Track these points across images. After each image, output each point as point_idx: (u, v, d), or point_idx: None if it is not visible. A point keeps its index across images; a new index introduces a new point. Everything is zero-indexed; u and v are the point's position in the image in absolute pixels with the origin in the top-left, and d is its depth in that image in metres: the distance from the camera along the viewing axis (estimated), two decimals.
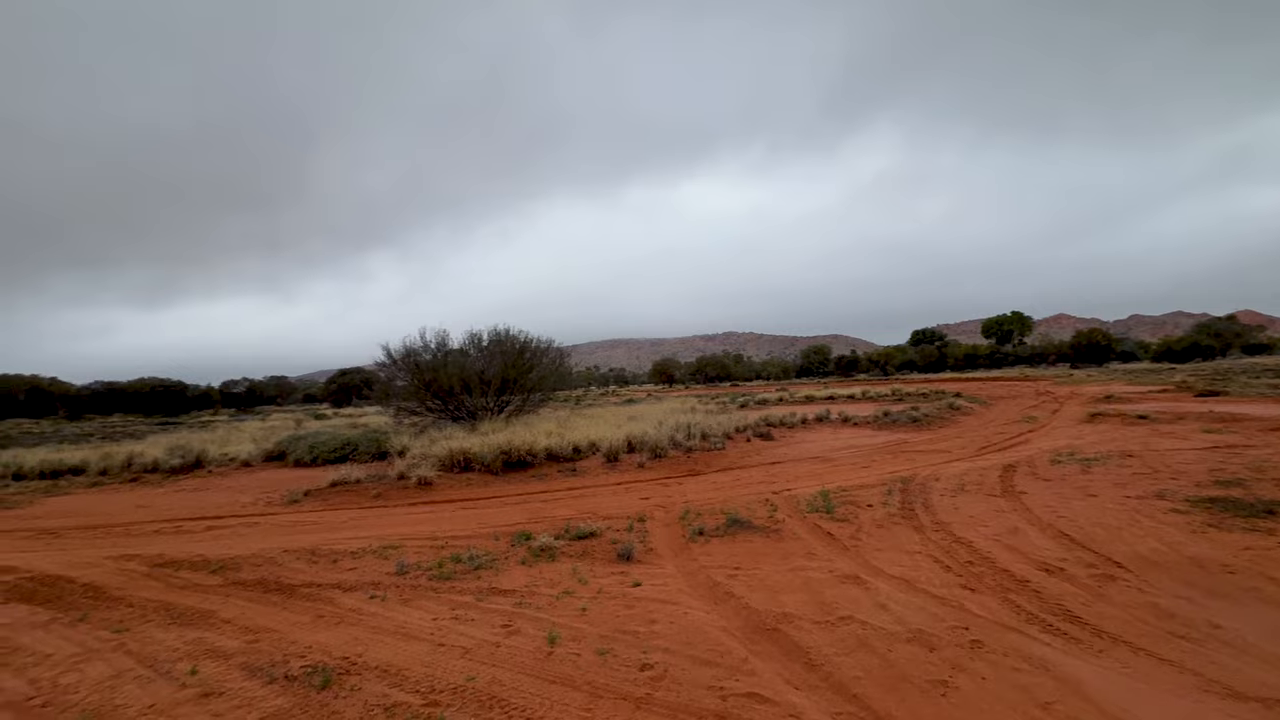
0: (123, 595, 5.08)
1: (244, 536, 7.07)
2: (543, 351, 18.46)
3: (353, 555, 5.97)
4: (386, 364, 17.50)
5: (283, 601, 4.84)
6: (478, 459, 10.33)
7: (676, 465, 10.58)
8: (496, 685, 3.34)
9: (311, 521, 7.75)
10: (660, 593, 4.66)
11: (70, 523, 8.22)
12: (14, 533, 7.77)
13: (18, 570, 5.86)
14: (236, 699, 3.30)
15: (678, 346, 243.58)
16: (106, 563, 6.05)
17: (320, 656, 3.77)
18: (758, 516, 6.68)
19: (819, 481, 8.55)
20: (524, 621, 4.20)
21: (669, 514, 7.10)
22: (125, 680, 3.58)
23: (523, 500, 8.48)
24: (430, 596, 4.78)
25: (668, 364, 72.58)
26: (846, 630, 3.87)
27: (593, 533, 6.25)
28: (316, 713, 3.13)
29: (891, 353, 64.90)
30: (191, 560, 5.99)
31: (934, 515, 6.52)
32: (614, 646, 3.75)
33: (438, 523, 7.31)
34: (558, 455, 10.95)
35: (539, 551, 5.76)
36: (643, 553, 5.68)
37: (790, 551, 5.56)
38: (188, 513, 8.58)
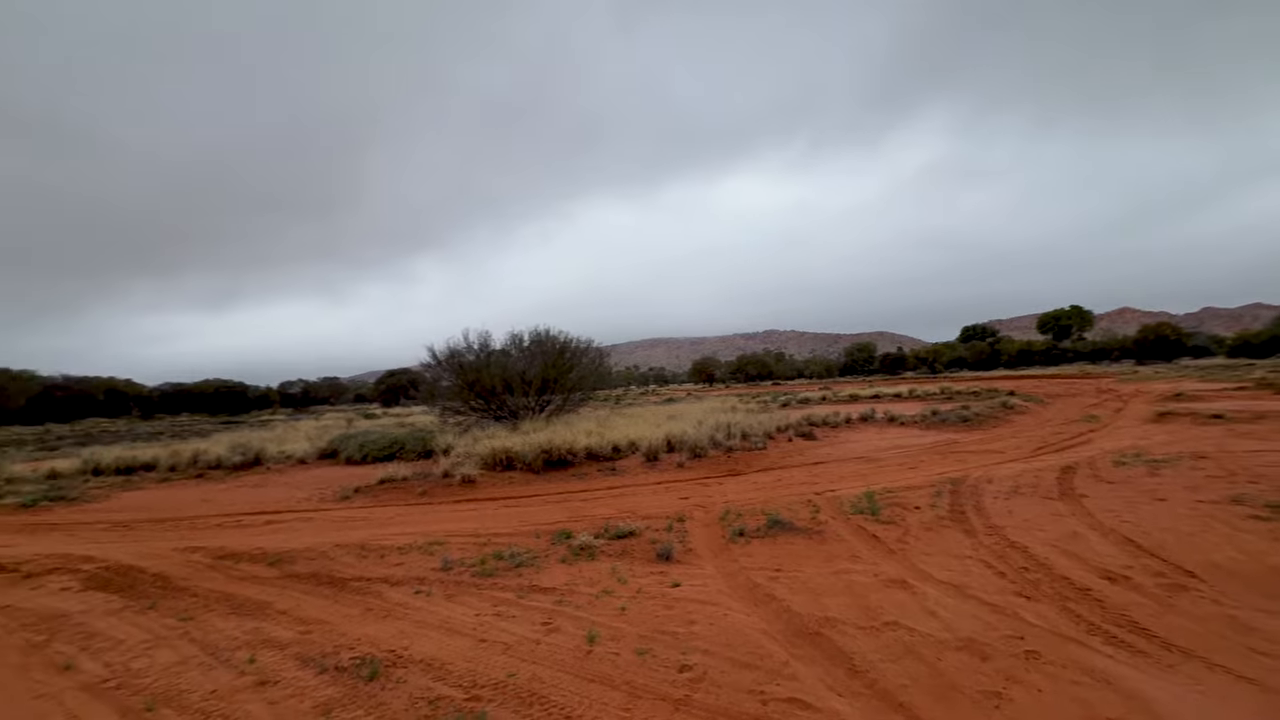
0: (188, 585, 5.37)
1: (299, 531, 7.37)
2: (582, 351, 18.61)
3: (400, 551, 6.14)
4: (432, 365, 17.97)
5: (334, 594, 5.01)
6: (519, 458, 10.49)
7: (716, 465, 10.49)
8: (536, 682, 3.37)
9: (361, 517, 8.02)
10: (700, 593, 4.63)
11: (141, 516, 8.74)
12: (93, 525, 8.31)
13: (95, 560, 6.26)
14: (290, 688, 3.44)
15: (717, 345, 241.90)
16: (173, 554, 6.40)
17: (368, 649, 3.89)
18: (800, 518, 6.55)
19: (864, 482, 8.34)
20: (564, 619, 4.23)
21: (709, 514, 7.05)
22: (189, 666, 3.78)
23: (563, 499, 8.56)
24: (473, 593, 4.88)
25: (707, 363, 72.19)
26: (892, 636, 3.75)
27: (632, 532, 6.25)
28: (364, 704, 3.23)
29: (940, 350, 62.81)
30: (251, 553, 6.28)
31: (986, 519, 6.26)
32: (653, 647, 3.73)
33: (481, 520, 7.45)
34: (597, 454, 11.02)
35: (579, 550, 5.80)
36: (682, 553, 5.65)
37: (833, 554, 5.43)
38: (248, 507, 9.00)
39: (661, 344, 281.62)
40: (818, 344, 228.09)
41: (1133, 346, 54.86)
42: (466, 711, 3.08)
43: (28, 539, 7.58)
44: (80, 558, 6.36)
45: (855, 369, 67.47)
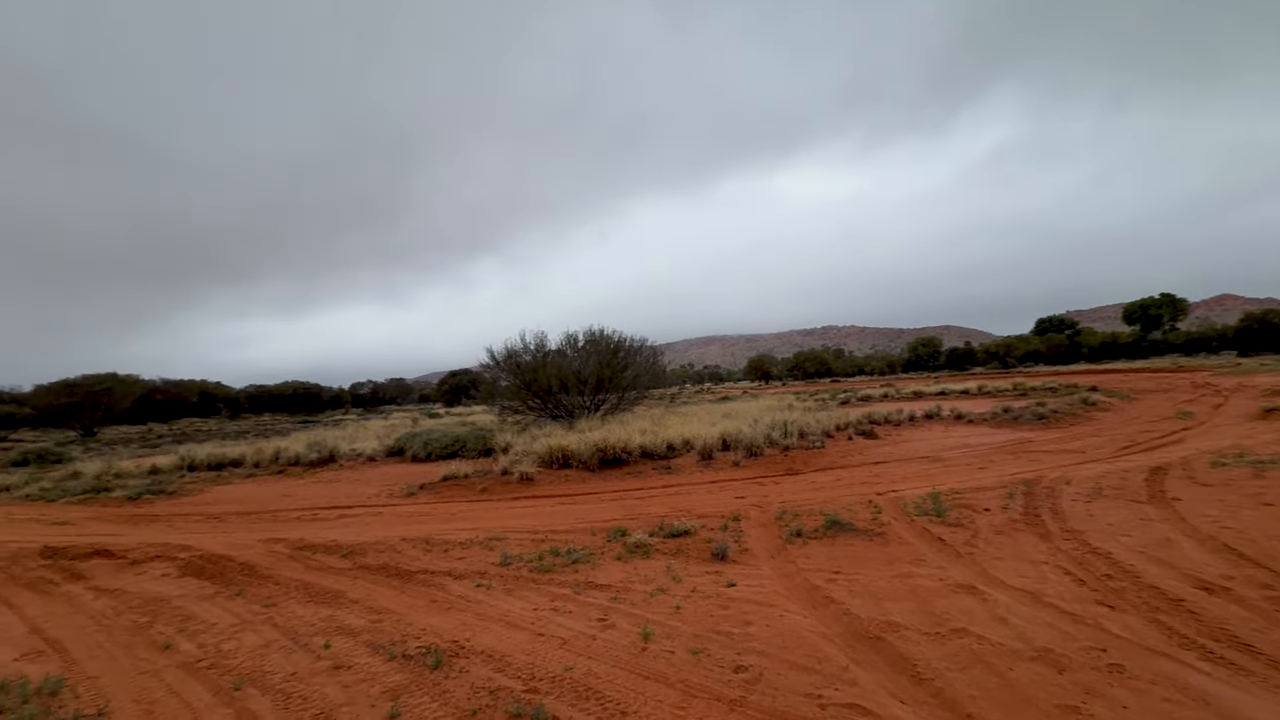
0: (271, 574, 5.74)
1: (369, 525, 7.75)
2: (636, 350, 18.71)
3: (462, 545, 6.36)
4: (491, 365, 18.51)
5: (401, 586, 5.25)
6: (575, 456, 10.65)
7: (773, 464, 10.32)
8: (592, 677, 3.42)
9: (426, 513, 8.35)
10: (755, 594, 4.57)
11: (230, 509, 9.41)
12: (188, 517, 9.01)
13: (191, 549, 6.78)
14: (362, 673, 3.63)
15: (773, 342, 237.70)
16: (258, 545, 6.86)
17: (433, 639, 4.05)
18: (860, 518, 6.36)
19: (928, 483, 8.01)
20: (619, 616, 4.27)
21: (765, 514, 6.94)
22: (272, 650, 4.04)
23: (618, 497, 8.63)
24: (531, 587, 4.99)
25: (763, 360, 71.08)
26: (960, 644, 3.59)
27: (687, 531, 6.24)
28: (430, 691, 3.36)
29: (1013, 343, 59.43)
30: (326, 545, 6.65)
31: (1064, 522, 5.89)
32: (708, 646, 3.72)
33: (538, 517, 7.62)
34: (652, 453, 11.05)
35: (634, 548, 5.84)
36: (737, 553, 5.60)
37: (896, 556, 5.25)
38: (323, 502, 9.53)
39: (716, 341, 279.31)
40: (879, 339, 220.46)
41: (1234, 336, 50.24)
42: (525, 703, 3.16)
43: (133, 529, 8.29)
44: (178, 546, 6.91)
45: (919, 365, 64.78)
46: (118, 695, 3.51)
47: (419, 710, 3.17)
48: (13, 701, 3.42)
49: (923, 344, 66.20)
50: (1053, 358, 57.10)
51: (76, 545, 7.19)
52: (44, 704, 3.40)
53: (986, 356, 60.05)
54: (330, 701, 3.31)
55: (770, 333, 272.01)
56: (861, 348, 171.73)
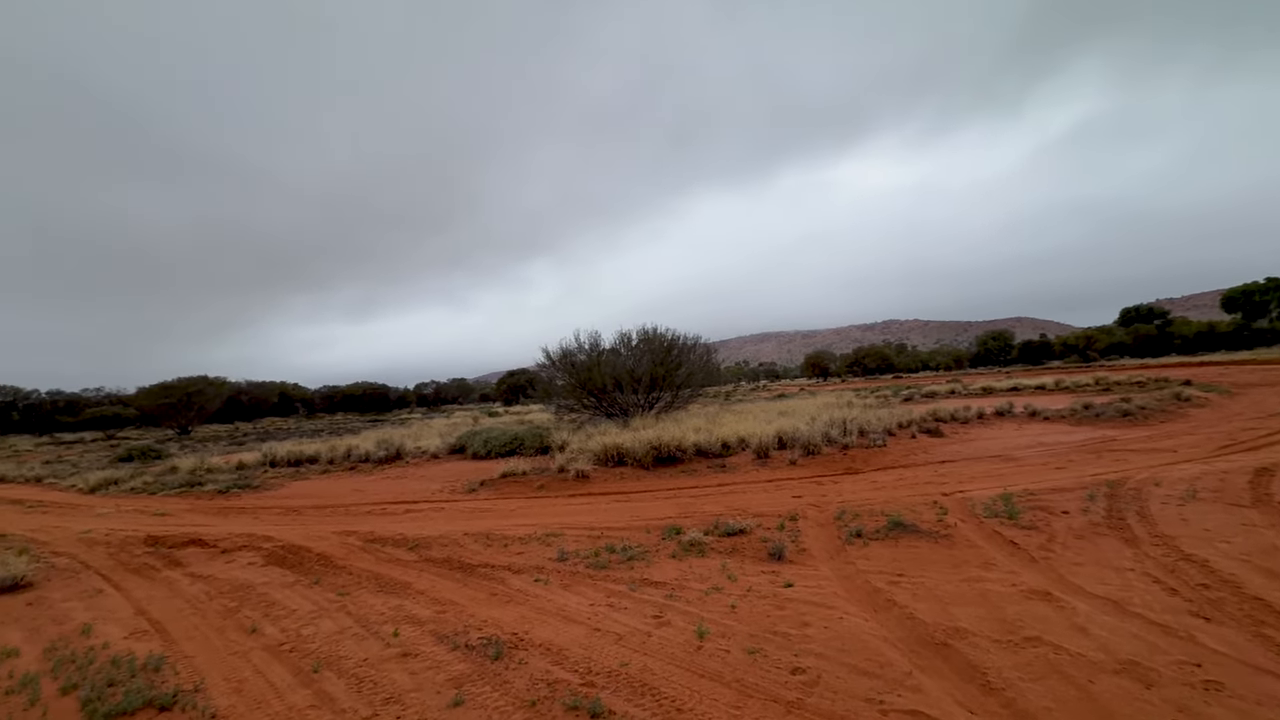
0: (345, 564, 6.07)
1: (433, 519, 8.06)
2: (690, 348, 18.64)
3: (520, 541, 6.53)
4: (547, 365, 18.87)
5: (463, 578, 5.43)
6: (630, 454, 10.72)
7: (831, 463, 10.07)
8: (647, 673, 3.44)
9: (486, 508, 8.61)
10: (813, 595, 4.47)
11: (308, 502, 9.99)
12: (270, 509, 9.63)
13: (273, 539, 7.25)
14: (428, 661, 3.78)
15: (832, 338, 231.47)
16: (333, 536, 7.26)
17: (494, 630, 4.18)
18: (924, 519, 6.12)
19: (999, 483, 7.61)
20: (674, 614, 4.28)
21: (823, 513, 6.79)
22: (346, 636, 4.27)
23: (673, 495, 8.64)
24: (587, 583, 5.07)
25: (821, 356, 69.34)
26: (1034, 653, 3.40)
27: (742, 530, 6.18)
28: (491, 681, 3.47)
29: (1094, 335, 55.55)
30: (394, 538, 6.97)
31: (1153, 527, 5.48)
32: (764, 646, 3.67)
33: (594, 514, 7.72)
34: (707, 451, 10.99)
35: (689, 546, 5.83)
36: (794, 553, 5.50)
37: (963, 560, 5.02)
38: (391, 497, 9.98)
39: (771, 338, 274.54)
40: (944, 333, 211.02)
41: None
42: (582, 696, 3.22)
43: (222, 520, 8.94)
44: (262, 537, 7.40)
45: (989, 359, 61.56)
46: (211, 673, 3.80)
47: (481, 699, 3.28)
48: (123, 675, 3.76)
49: (992, 337, 62.89)
50: (1140, 350, 53.05)
51: (174, 535, 7.82)
52: (149, 679, 3.72)
53: (1064, 349, 56.40)
54: (399, 687, 3.47)
55: (828, 328, 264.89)
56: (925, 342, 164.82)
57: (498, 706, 3.20)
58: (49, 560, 6.88)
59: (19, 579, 5.84)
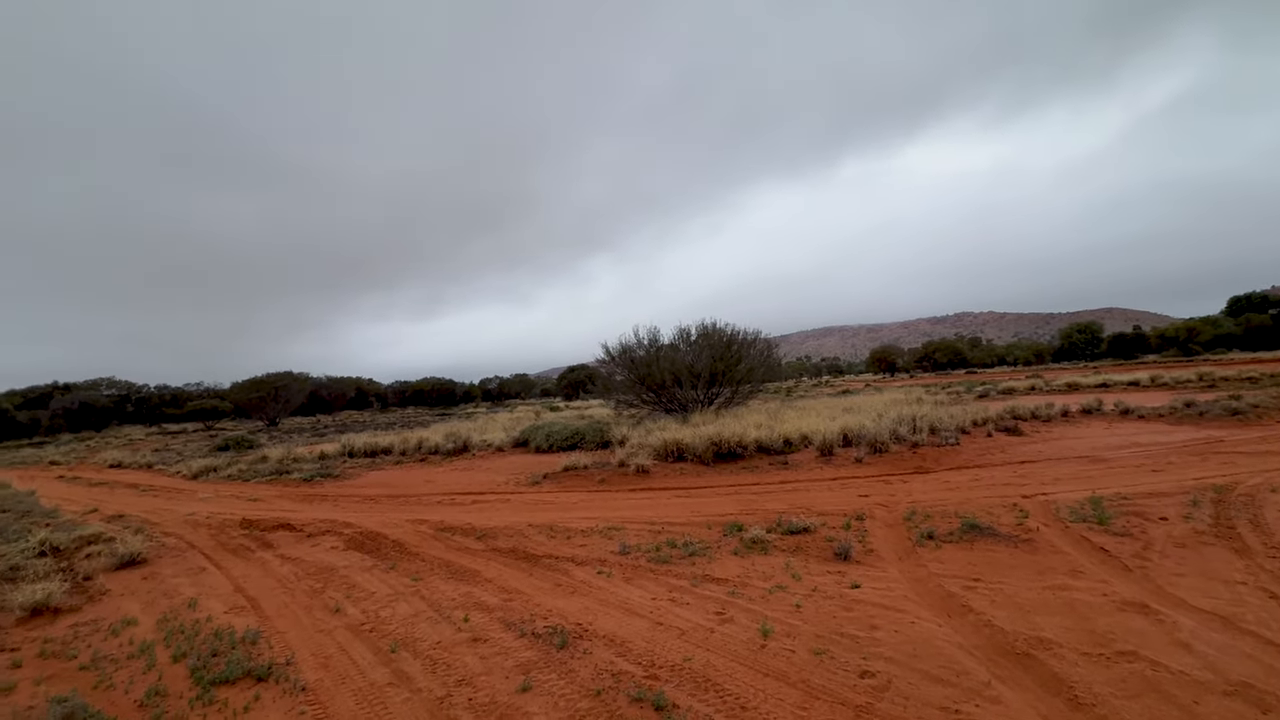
0: (418, 551, 6.36)
1: (499, 510, 8.32)
2: (750, 343, 18.39)
3: (583, 533, 6.64)
4: (606, 360, 19.09)
5: (529, 568, 5.59)
6: (690, 450, 10.70)
7: (900, 461, 9.70)
8: (711, 669, 3.43)
9: (549, 501, 8.81)
10: (882, 597, 4.33)
11: (383, 492, 10.53)
12: (349, 498, 10.21)
13: (353, 526, 7.69)
14: (497, 647, 3.92)
15: (898, 332, 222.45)
16: (406, 524, 7.62)
17: (558, 620, 4.28)
18: (1002, 522, 5.81)
19: (1087, 485, 7.11)
20: (737, 611, 4.25)
21: (891, 514, 6.55)
22: (420, 620, 4.48)
23: (733, 491, 8.56)
24: (649, 577, 5.10)
25: (887, 351, 66.82)
26: (1128, 669, 3.17)
27: (806, 528, 6.05)
28: (557, 669, 3.56)
29: (1196, 326, 50.81)
30: (463, 527, 7.24)
31: (1269, 536, 4.98)
32: (830, 648, 3.59)
33: (655, 509, 7.75)
34: (768, 448, 10.82)
35: (751, 543, 5.76)
36: (861, 553, 5.34)
37: (1047, 566, 4.73)
38: (459, 488, 10.37)
39: (834, 332, 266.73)
40: (1022, 326, 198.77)
41: None
42: (646, 688, 3.25)
43: (307, 506, 9.56)
44: (342, 523, 7.87)
45: (1074, 353, 57.48)
46: (300, 648, 4.08)
47: (548, 685, 3.37)
48: (225, 646, 4.09)
49: (1078, 330, 58.65)
50: (1252, 342, 48.12)
51: (266, 519, 8.42)
52: (246, 651, 4.03)
53: (1161, 342, 51.91)
54: (470, 670, 3.61)
55: (895, 321, 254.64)
56: (1001, 336, 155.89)
57: (564, 694, 3.27)
58: (160, 539, 7.56)
59: (136, 555, 6.45)
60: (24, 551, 6.64)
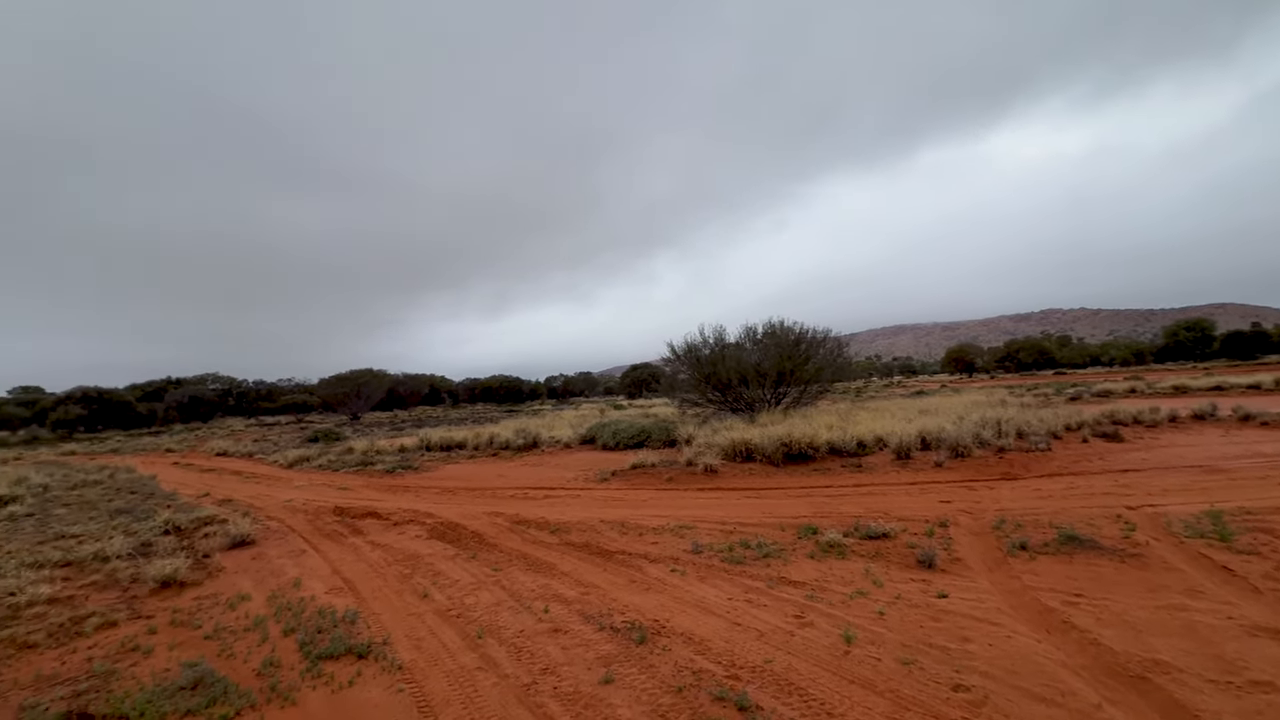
0: (496, 543, 6.60)
1: (570, 505, 8.50)
2: (819, 342, 17.92)
3: (654, 531, 6.69)
4: (671, 359, 19.10)
5: (602, 564, 5.68)
6: (759, 450, 10.55)
7: (984, 467, 9.19)
8: (793, 673, 3.38)
9: (618, 498, 8.92)
10: (973, 608, 4.13)
11: (459, 484, 10.97)
12: (428, 489, 10.70)
13: (434, 516, 8.06)
14: (577, 638, 4.01)
15: (977, 330, 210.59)
16: (483, 516, 7.91)
17: (635, 615, 4.33)
18: (1106, 535, 5.40)
19: (1204, 498, 6.51)
20: (816, 615, 4.16)
21: (978, 521, 6.23)
22: (502, 608, 4.65)
23: (805, 493, 8.38)
24: (723, 577, 5.08)
25: (965, 350, 63.37)
26: (1264, 700, 2.88)
27: (885, 533, 5.85)
28: (637, 663, 3.60)
29: None
30: (537, 521, 7.45)
31: None
32: (919, 658, 3.46)
33: (725, 509, 7.70)
34: (840, 449, 10.52)
35: (827, 547, 5.63)
36: (946, 561, 5.10)
37: (1160, 584, 4.36)
38: (530, 483, 10.67)
39: (907, 330, 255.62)
40: (1118, 323, 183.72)
41: None
42: (728, 688, 3.24)
43: (391, 496, 10.10)
44: (424, 513, 8.26)
45: (1181, 352, 52.50)
46: (394, 630, 4.32)
47: (629, 679, 3.42)
48: (328, 624, 4.40)
49: (1186, 326, 53.52)
50: None
51: (355, 507, 8.97)
52: (347, 629, 4.31)
53: None
54: (553, 660, 3.72)
55: (973, 319, 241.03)
56: (1095, 334, 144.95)
57: (645, 689, 3.31)
58: (264, 523, 8.20)
59: (246, 537, 7.03)
60: (152, 530, 7.37)
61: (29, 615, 4.76)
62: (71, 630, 4.50)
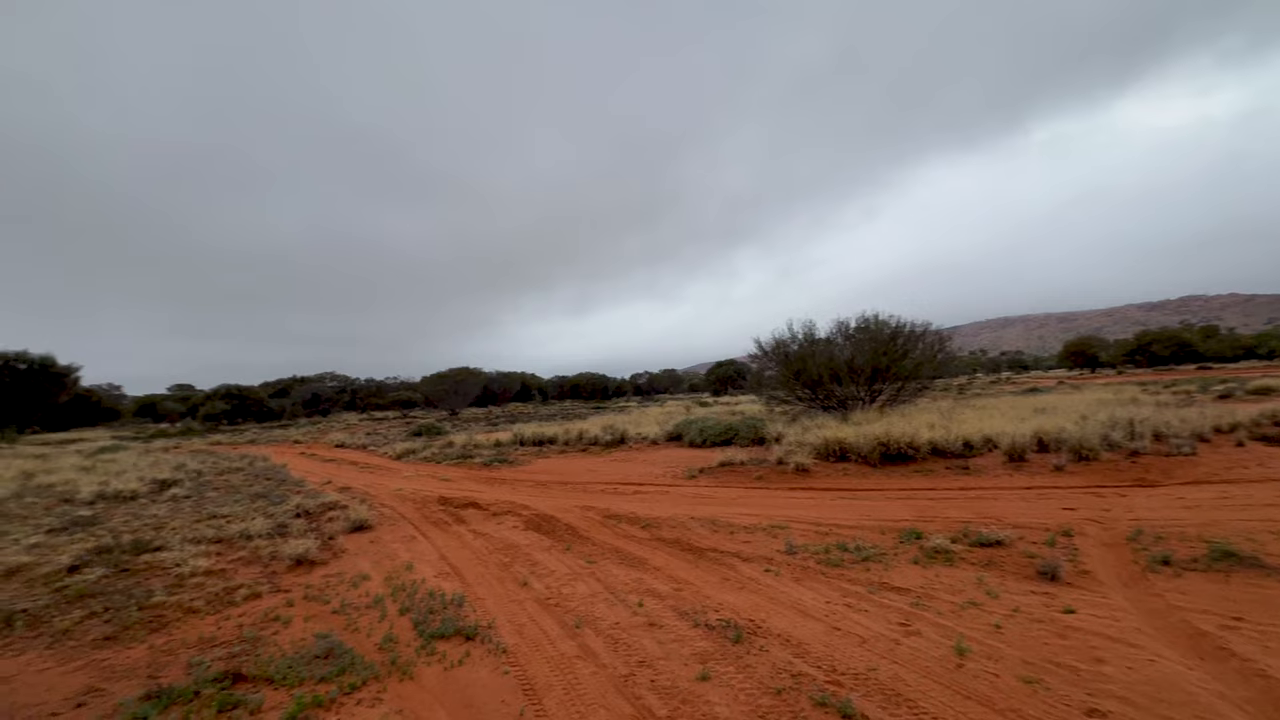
0: (589, 536, 6.77)
1: (660, 501, 8.56)
2: (918, 336, 16.92)
3: (745, 530, 6.59)
4: (758, 355, 18.73)
5: (694, 560, 5.67)
6: (853, 449, 10.13)
7: (1115, 471, 8.31)
8: (900, 683, 3.22)
9: (707, 495, 8.87)
10: (1105, 627, 3.75)
11: (551, 478, 11.35)
12: (523, 482, 11.15)
13: (529, 508, 8.39)
14: (672, 633, 4.03)
15: (1099, 320, 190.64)
16: (575, 510, 8.14)
17: (729, 614, 4.29)
18: (1271, 552, 4.73)
19: None
20: (923, 624, 3.94)
21: (1109, 532, 5.65)
22: (598, 600, 4.76)
23: (906, 496, 7.95)
24: (820, 579, 4.92)
25: (1087, 342, 57.54)
26: None
27: (999, 541, 5.44)
28: (734, 662, 3.57)
29: None
30: (627, 516, 7.56)
31: None
32: (1044, 677, 3.19)
33: (818, 509, 7.46)
34: (943, 450, 9.89)
35: (933, 553, 5.31)
36: (1073, 574, 4.67)
37: None
38: (619, 478, 10.85)
39: (1016, 322, 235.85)
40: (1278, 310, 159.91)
41: None
42: (829, 694, 3.14)
43: (489, 488, 10.61)
44: (520, 505, 8.62)
45: None
46: (498, 615, 4.54)
47: (726, 678, 3.40)
48: (438, 606, 4.70)
49: None
50: None
51: (457, 497, 9.50)
52: (455, 612, 4.58)
53: None
54: (649, 653, 3.76)
55: (1094, 309, 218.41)
56: (1249, 323, 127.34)
57: (743, 688, 3.28)
58: (378, 509, 8.88)
59: (364, 522, 7.64)
60: (286, 513, 8.18)
61: (191, 584, 5.44)
62: (225, 599, 5.09)
